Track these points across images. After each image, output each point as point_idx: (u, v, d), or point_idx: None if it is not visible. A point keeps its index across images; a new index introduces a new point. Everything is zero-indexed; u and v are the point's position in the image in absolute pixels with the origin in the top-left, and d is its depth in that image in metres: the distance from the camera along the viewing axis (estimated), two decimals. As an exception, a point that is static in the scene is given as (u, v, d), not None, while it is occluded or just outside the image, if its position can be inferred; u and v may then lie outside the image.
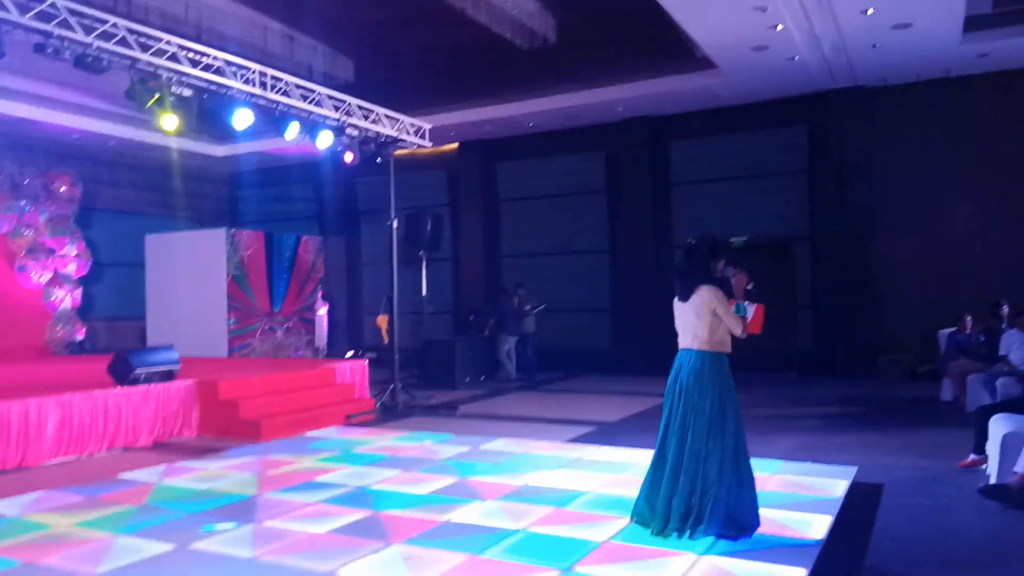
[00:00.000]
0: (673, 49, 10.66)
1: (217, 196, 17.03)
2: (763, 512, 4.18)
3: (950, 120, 11.20)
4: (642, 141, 13.10)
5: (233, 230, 12.29)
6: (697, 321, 4.10)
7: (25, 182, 12.59)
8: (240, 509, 4.78)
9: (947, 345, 9.17)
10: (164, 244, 12.48)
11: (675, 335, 4.26)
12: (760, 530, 4.06)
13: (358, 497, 5.03)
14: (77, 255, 13.15)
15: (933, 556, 3.81)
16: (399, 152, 9.86)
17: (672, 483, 4.02)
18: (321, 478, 5.59)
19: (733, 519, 3.96)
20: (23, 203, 12.56)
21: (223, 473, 5.82)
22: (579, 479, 5.38)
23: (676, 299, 4.25)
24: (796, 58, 10.06)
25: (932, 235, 11.32)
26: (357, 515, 4.59)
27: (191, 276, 11.96)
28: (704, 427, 3.99)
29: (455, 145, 14.61)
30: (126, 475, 5.81)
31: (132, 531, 4.36)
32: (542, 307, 12.07)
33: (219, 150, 15.37)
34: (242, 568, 3.74)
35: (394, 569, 3.65)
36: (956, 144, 11.17)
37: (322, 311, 13.57)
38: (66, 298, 13.01)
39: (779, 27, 8.99)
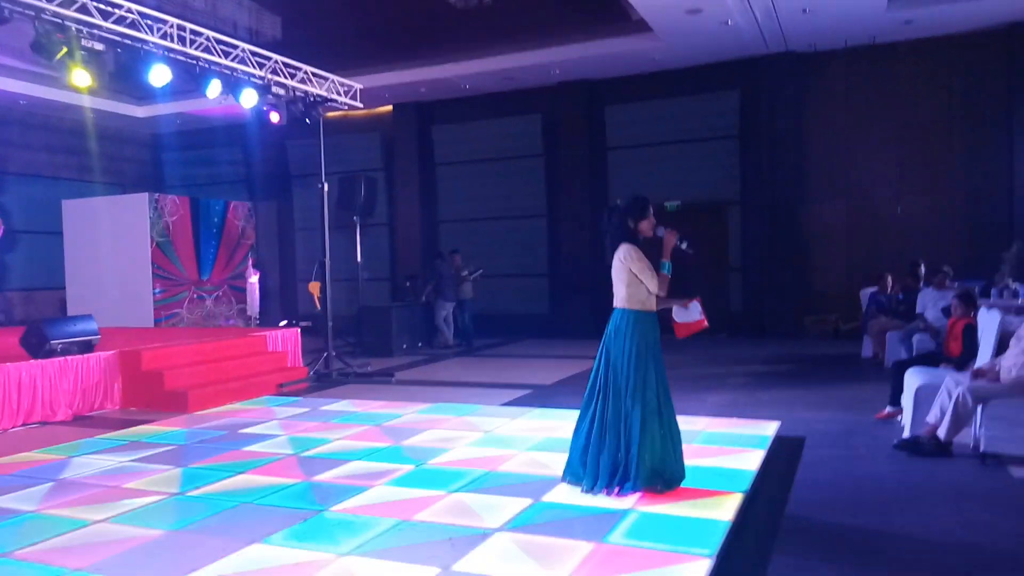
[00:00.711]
0: (609, 12, 10.61)
1: (139, 159, 16.28)
2: (689, 465, 4.28)
3: (874, 87, 11.52)
4: (578, 105, 13.06)
5: (157, 195, 11.77)
6: (617, 280, 4.18)
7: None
8: (164, 482, 4.63)
9: (868, 304, 9.53)
10: (83, 210, 11.88)
11: (611, 298, 4.32)
12: (686, 483, 4.16)
13: (288, 465, 4.94)
14: (-13, 222, 12.42)
15: (849, 503, 3.99)
16: (331, 114, 9.57)
17: (600, 440, 4.09)
18: (251, 447, 5.47)
19: (659, 473, 4.05)
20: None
21: (146, 445, 5.64)
22: (512, 441, 5.41)
23: (611, 260, 4.30)
24: (729, 22, 10.13)
25: (856, 199, 11.71)
26: (288, 484, 4.52)
27: (113, 243, 11.44)
28: (626, 384, 4.05)
29: (389, 107, 14.29)
30: (42, 451, 5.57)
31: (48, 508, 4.18)
32: (479, 272, 12.01)
33: (140, 110, 14.64)
34: (164, 542, 3.63)
35: (327, 536, 3.61)
36: (879, 110, 11.51)
37: (253, 279, 13.21)
38: (-24, 268, 12.31)
39: (712, -11, 9.03)
